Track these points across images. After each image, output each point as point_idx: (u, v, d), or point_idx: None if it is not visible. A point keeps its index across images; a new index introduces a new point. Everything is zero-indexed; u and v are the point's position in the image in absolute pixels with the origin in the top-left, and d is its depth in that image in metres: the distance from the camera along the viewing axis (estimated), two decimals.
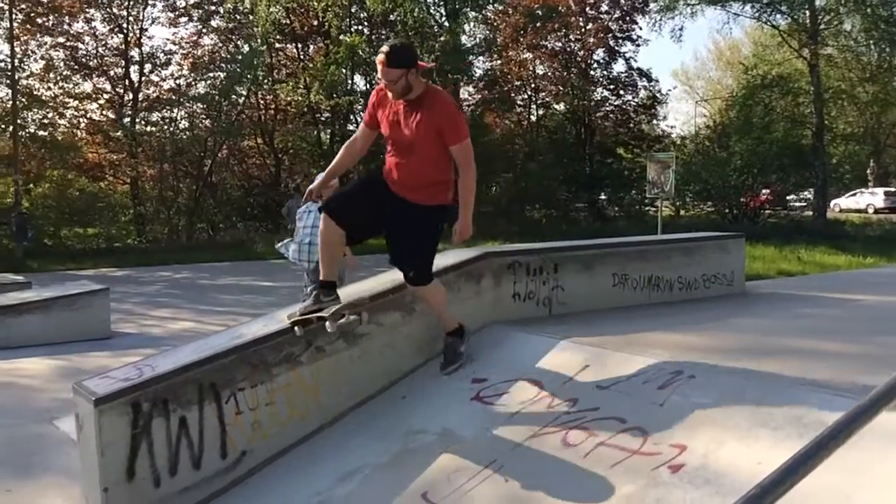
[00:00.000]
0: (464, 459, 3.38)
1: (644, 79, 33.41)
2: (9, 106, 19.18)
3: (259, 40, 26.26)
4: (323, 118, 28.96)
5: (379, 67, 3.58)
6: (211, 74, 26.41)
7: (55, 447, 4.60)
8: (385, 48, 3.60)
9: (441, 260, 4.76)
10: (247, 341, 3.77)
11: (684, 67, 58.18)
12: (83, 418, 3.42)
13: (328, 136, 29.16)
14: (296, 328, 3.76)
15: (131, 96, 25.81)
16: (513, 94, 33.33)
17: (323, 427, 3.95)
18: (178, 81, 26.53)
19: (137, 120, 25.64)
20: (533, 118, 34.23)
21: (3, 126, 20.63)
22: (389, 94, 3.69)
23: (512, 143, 32.71)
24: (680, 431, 3.06)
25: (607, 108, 33.92)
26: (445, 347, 4.18)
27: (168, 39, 29.14)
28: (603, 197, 32.90)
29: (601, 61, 33.50)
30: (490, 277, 4.78)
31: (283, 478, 3.65)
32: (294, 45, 29.79)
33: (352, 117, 29.83)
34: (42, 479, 4.08)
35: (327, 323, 3.71)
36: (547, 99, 34.29)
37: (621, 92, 33.67)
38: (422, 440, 3.66)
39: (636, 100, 33.98)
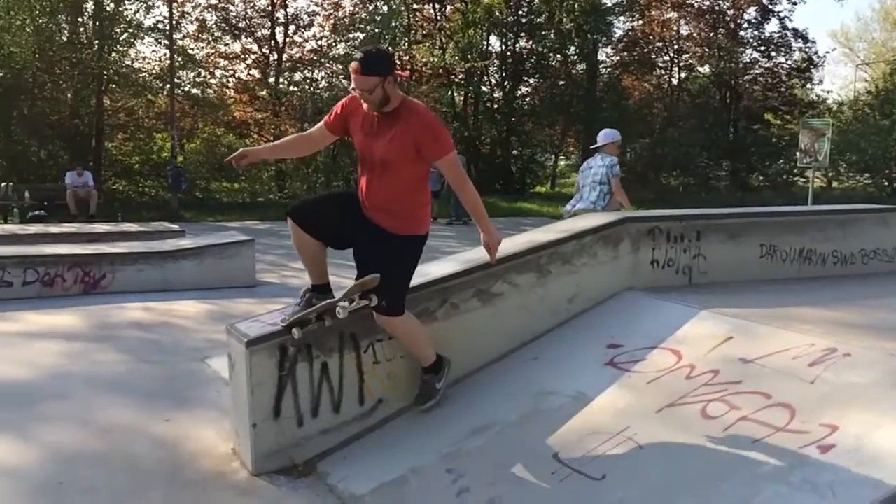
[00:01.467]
0: (596, 423, 3.35)
1: (799, 40, 31.15)
2: (167, 65, 20.42)
3: (397, 1, 26.53)
4: (457, 80, 29.03)
5: (352, 75, 3.29)
6: (350, 35, 26.98)
7: (207, 384, 4.93)
8: (359, 54, 3.32)
9: (579, 223, 4.70)
10: None
11: (844, 28, 53.61)
12: (235, 358, 3.64)
13: (461, 98, 29.23)
14: (294, 331, 3.48)
15: (276, 56, 26.86)
16: (653, 56, 32.06)
17: (455, 382, 4.02)
18: (319, 42, 27.32)
19: (281, 80, 26.67)
20: (674, 81, 32.82)
21: (161, 84, 22.00)
22: (364, 105, 3.37)
23: (650, 108, 31.57)
24: (831, 411, 2.90)
25: (756, 72, 31.91)
26: (422, 383, 3.78)
27: (311, 1, 29.82)
28: (747, 165, 31.21)
29: (752, 21, 31.47)
30: (628, 243, 4.66)
31: (416, 427, 3.75)
32: (431, 5, 29.91)
33: (485, 79, 29.73)
34: (195, 411, 4.39)
35: (338, 309, 3.46)
36: (690, 61, 32.70)
37: (773, 54, 31.56)
38: (553, 401, 3.66)
39: (789, 62, 31.76)
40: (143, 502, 3.24)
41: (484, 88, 29.77)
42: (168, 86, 20.69)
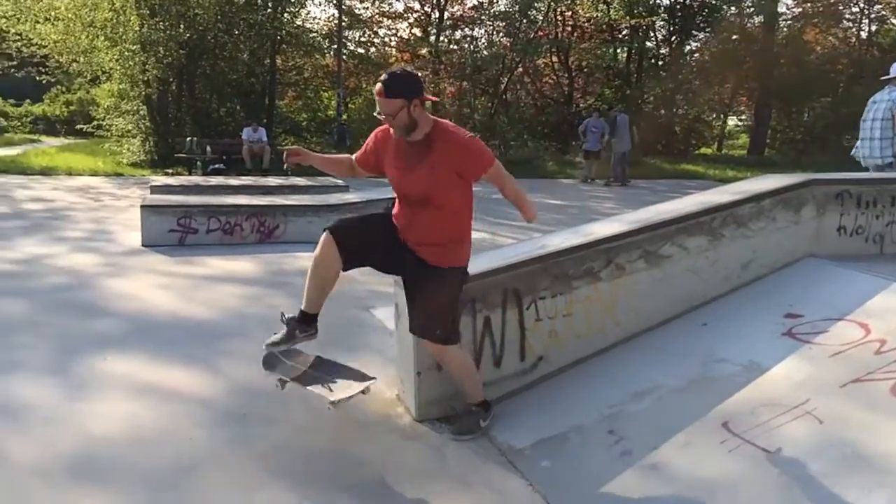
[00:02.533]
0: (771, 394, 3.18)
1: None
2: (335, 25, 21.12)
3: None
4: (621, 36, 28.03)
5: (377, 99, 3.06)
6: None
7: (372, 332, 5.14)
8: (383, 76, 3.05)
9: (758, 184, 4.43)
10: (550, 252, 3.84)
11: None
12: (402, 308, 3.75)
13: (625, 55, 28.22)
14: (279, 380, 3.48)
15: (437, 14, 27.11)
16: (840, 7, 29.37)
17: (617, 344, 3.95)
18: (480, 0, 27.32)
19: (442, 37, 26.92)
20: (863, 34, 29.98)
21: (329, 44, 22.86)
22: (392, 132, 3.15)
23: (834, 64, 29.05)
24: None
25: None
26: (465, 413, 3.51)
27: None
28: None
29: None
30: (812, 207, 4.35)
31: (576, 386, 3.73)
32: None
33: (651, 34, 28.50)
34: (363, 358, 4.58)
35: (329, 404, 3.35)
36: (883, 12, 29.71)
37: None
38: (723, 369, 3.51)
39: None
40: (319, 436, 3.44)
41: (649, 44, 28.55)
42: (335, 46, 21.43)
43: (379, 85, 3.02)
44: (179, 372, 4.25)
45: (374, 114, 3.16)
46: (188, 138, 17.30)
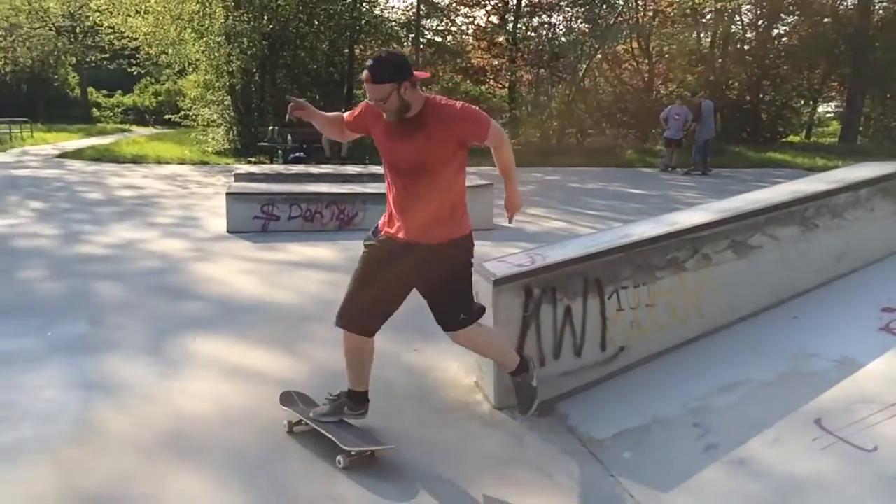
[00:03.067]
0: (867, 391, 3.05)
1: None
2: (413, 14, 21.24)
3: None
4: (704, 20, 27.22)
5: (365, 86, 2.95)
6: None
7: None
8: (369, 62, 2.92)
9: (854, 172, 4.24)
10: (633, 241, 3.77)
11: None
12: (481, 296, 3.75)
13: (709, 39, 27.41)
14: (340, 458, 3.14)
15: (515, 1, 26.88)
16: None
17: (702, 336, 3.85)
18: None
19: (519, 25, 26.70)
20: None
21: (406, 33, 23.00)
22: (385, 115, 3.02)
23: None
24: None
25: None
26: (517, 387, 3.39)
27: None
28: None
29: None
30: None
31: (658, 378, 3.66)
32: None
33: (737, 18, 27.58)
34: (441, 344, 4.59)
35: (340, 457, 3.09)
36: None
37: None
38: (815, 364, 3.38)
39: None
40: (399, 421, 3.48)
41: (734, 28, 27.64)
42: (412, 34, 21.54)
43: (365, 72, 2.91)
44: (264, 354, 4.37)
45: (367, 101, 3.11)
46: (270, 127, 17.72)
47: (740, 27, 28.12)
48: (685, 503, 2.72)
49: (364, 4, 22.27)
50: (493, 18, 27.68)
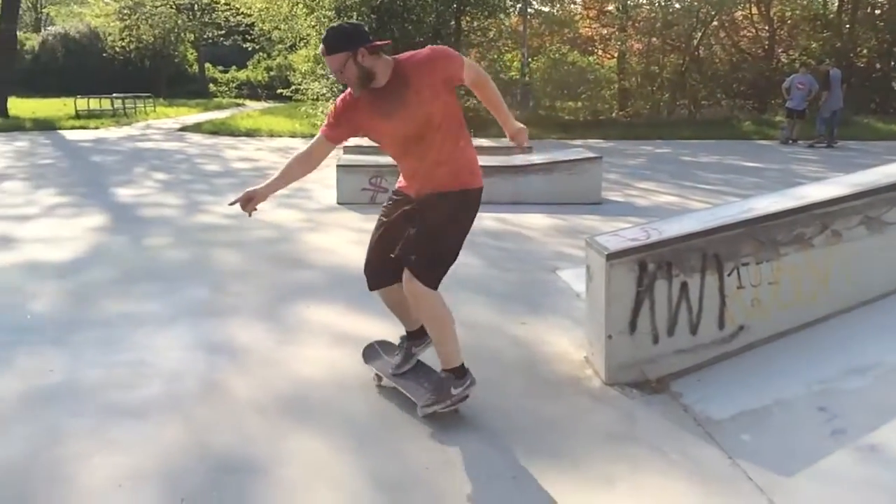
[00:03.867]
0: None
1: None
2: None
3: None
4: None
5: (324, 59, 2.95)
6: None
7: (558, 293, 5.11)
8: (324, 34, 2.94)
9: None
10: (756, 216, 3.60)
11: None
12: (594, 270, 3.68)
13: (836, 3, 25.70)
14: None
15: None
16: None
17: (830, 316, 3.65)
18: None
19: None
20: None
21: (513, 3, 22.69)
22: (352, 91, 2.99)
23: None
24: None
25: None
26: (437, 379, 3.23)
27: None
28: None
29: None
30: None
31: (781, 359, 3.50)
32: None
33: None
34: (549, 318, 4.58)
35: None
36: None
37: None
38: None
39: None
40: (509, 394, 3.48)
41: None
42: (520, 4, 21.24)
43: (321, 45, 2.94)
44: (374, 323, 4.45)
45: (337, 101, 3.14)
46: None
47: None
48: (811, 489, 2.60)
49: None
50: None
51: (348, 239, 6.74)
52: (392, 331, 4.29)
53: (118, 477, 2.70)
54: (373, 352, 3.67)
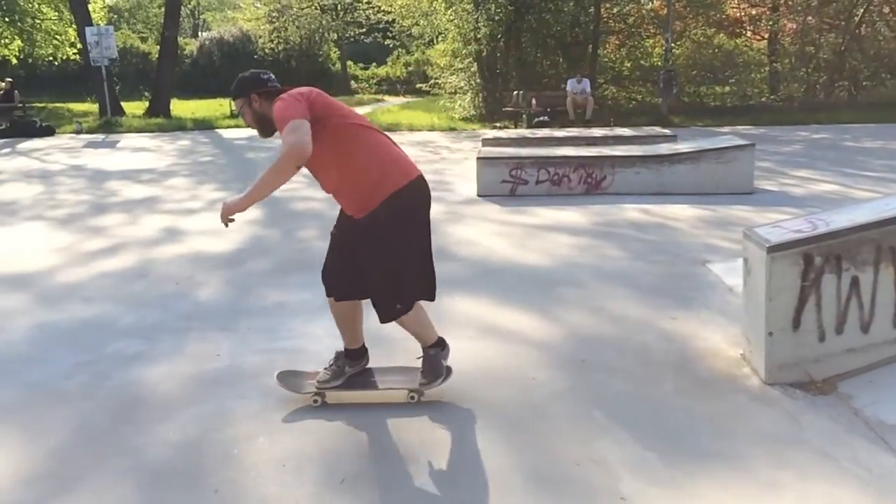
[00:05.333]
0: None
1: None
2: None
3: None
4: None
5: None
6: None
7: (709, 288, 4.90)
8: None
9: None
10: None
11: None
12: (752, 263, 3.50)
13: None
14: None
15: None
16: None
17: None
18: None
19: None
20: None
21: None
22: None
23: None
24: None
25: None
26: (425, 359, 3.30)
27: None
28: None
29: None
30: None
31: None
32: None
33: None
34: (700, 314, 4.40)
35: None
36: None
37: None
38: None
39: None
40: (658, 389, 3.38)
41: None
42: None
43: None
44: (519, 315, 4.45)
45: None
46: (515, 92, 17.91)
47: None
48: None
49: None
50: None
51: (490, 231, 6.77)
52: (538, 325, 4.28)
53: (282, 458, 2.84)
54: (285, 379, 3.43)
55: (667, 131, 11.92)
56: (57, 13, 29.56)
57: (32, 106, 22.00)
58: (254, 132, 3.27)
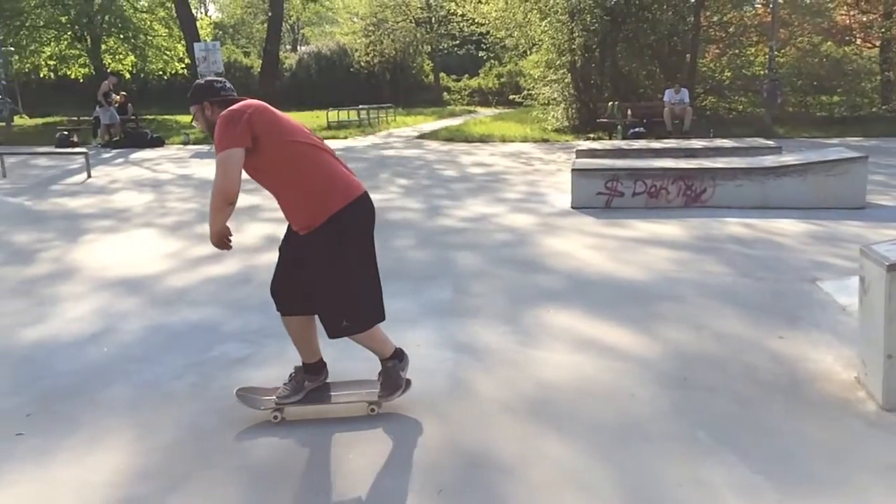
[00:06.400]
0: None
1: None
2: None
3: None
4: None
5: None
6: None
7: (819, 307, 4.68)
8: None
9: None
10: None
11: None
12: (870, 282, 3.32)
13: None
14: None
15: None
16: None
17: None
18: None
19: None
20: None
21: None
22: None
23: None
24: None
25: None
26: (384, 371, 3.34)
27: None
28: None
29: None
30: None
31: None
32: None
33: None
34: (810, 334, 4.21)
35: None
36: None
37: None
38: None
39: None
40: (766, 411, 3.25)
41: None
42: None
43: None
44: (616, 330, 4.37)
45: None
46: (609, 103, 17.67)
47: None
48: None
49: None
50: None
51: (585, 244, 6.68)
52: (637, 341, 4.19)
53: (381, 463, 2.88)
54: (244, 396, 3.42)
55: (770, 143, 11.50)
56: (167, 30, 31.13)
57: (144, 118, 23.18)
58: (344, 143, 3.38)
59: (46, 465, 2.97)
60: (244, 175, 2.99)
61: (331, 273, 3.09)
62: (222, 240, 3.04)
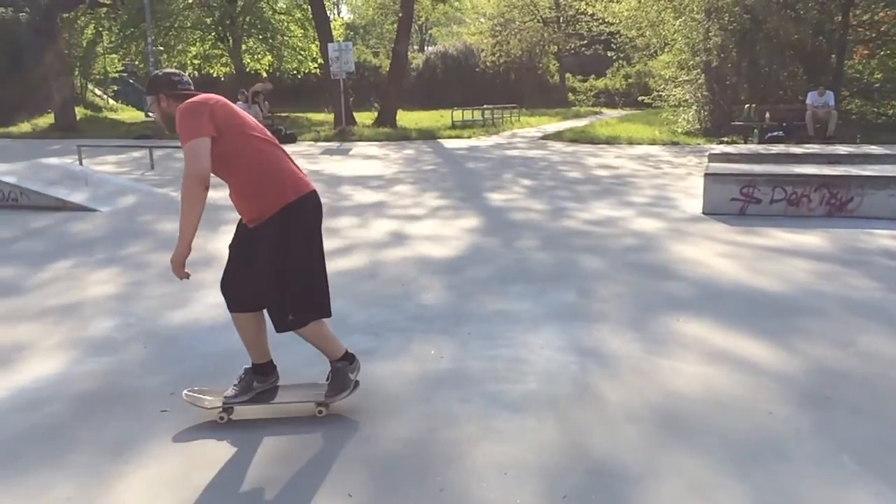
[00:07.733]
0: None
1: None
2: None
3: None
4: None
5: None
6: None
7: None
8: None
9: None
10: None
11: None
12: None
13: None
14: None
15: None
16: None
17: None
18: None
19: None
20: None
21: None
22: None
23: None
24: None
25: None
26: (333, 372, 3.37)
27: None
28: None
29: None
30: None
31: None
32: None
33: None
34: None
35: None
36: None
37: None
38: None
39: None
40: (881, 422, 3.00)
41: None
42: None
43: None
44: (751, 342, 4.16)
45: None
46: (746, 105, 16.91)
47: None
48: None
49: None
50: None
51: (717, 251, 6.41)
52: (773, 355, 3.97)
53: (503, 465, 2.85)
54: (192, 396, 3.39)
55: None
56: (302, 30, 32.42)
57: (278, 115, 24.23)
58: (468, 143, 3.39)
59: (188, 440, 3.14)
60: (372, 172, 3.07)
61: (276, 266, 3.14)
62: (182, 266, 3.17)
